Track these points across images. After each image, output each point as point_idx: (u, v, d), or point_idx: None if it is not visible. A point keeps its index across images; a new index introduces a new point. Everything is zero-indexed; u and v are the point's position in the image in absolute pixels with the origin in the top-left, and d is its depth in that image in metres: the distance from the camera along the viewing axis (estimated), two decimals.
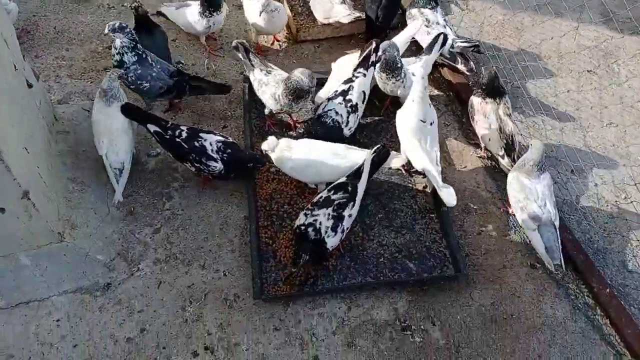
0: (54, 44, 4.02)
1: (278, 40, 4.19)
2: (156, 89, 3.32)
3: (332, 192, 2.86)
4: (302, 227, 2.76)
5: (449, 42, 3.73)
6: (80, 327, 2.73)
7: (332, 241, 2.75)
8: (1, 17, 2.83)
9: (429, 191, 3.30)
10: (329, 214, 2.76)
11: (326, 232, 2.72)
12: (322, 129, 3.23)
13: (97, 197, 3.15)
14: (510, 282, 2.99)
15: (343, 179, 2.92)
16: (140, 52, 3.27)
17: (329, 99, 3.33)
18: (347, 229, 2.86)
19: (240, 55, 3.41)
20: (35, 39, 4.03)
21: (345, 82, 3.38)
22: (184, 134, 3.05)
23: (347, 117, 3.25)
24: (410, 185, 3.34)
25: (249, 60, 3.38)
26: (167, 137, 3.06)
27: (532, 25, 4.35)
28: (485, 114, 3.36)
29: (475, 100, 3.43)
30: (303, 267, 2.84)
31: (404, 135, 3.17)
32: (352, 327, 2.79)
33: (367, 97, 3.39)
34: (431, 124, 3.15)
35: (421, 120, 3.10)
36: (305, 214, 2.81)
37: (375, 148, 2.96)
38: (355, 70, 3.41)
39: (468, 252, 3.09)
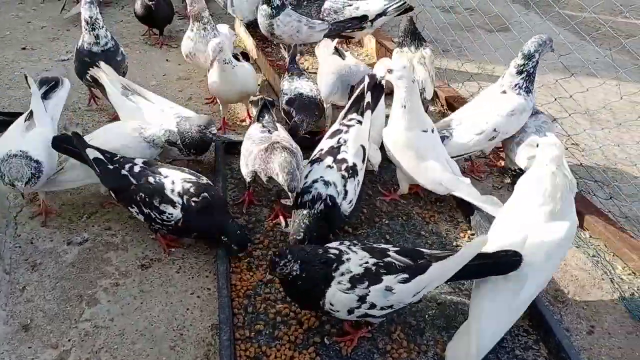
0: None
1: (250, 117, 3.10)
2: None
3: None
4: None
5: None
6: None
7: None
8: None
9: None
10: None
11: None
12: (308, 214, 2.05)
13: None
14: None
15: None
16: None
17: (311, 162, 2.25)
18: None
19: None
20: None
21: (332, 135, 2.34)
22: (137, 168, 2.19)
23: (344, 186, 2.14)
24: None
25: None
26: (111, 167, 2.19)
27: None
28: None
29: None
30: None
31: (403, 155, 2.37)
32: None
33: (367, 153, 2.31)
34: (432, 130, 2.39)
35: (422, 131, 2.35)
36: None
37: None
38: (344, 117, 2.39)
39: None
